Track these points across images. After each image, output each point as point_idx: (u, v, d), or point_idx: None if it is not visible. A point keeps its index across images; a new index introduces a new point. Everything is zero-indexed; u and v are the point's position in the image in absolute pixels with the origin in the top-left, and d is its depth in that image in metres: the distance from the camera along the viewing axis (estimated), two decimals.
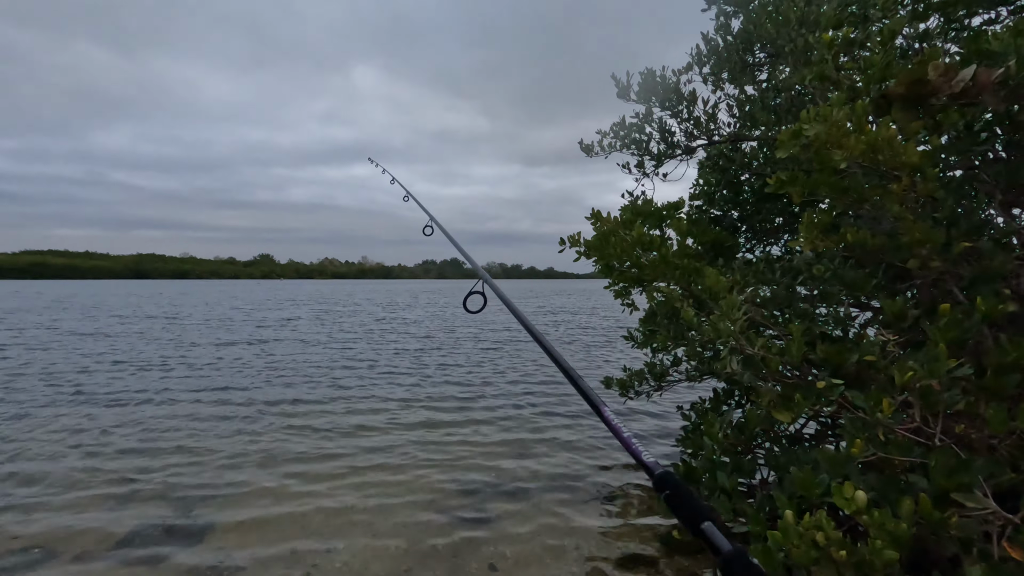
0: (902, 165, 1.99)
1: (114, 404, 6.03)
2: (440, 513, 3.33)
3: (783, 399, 1.87)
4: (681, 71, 3.46)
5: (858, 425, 1.52)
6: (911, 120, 2.20)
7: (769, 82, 3.86)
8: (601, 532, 3.11)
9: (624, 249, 2.89)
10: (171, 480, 3.80)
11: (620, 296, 4.08)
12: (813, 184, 2.24)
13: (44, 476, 3.86)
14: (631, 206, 4.07)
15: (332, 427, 5.14)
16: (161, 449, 4.47)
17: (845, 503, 1.31)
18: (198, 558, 2.81)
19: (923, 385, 1.46)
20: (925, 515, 1.32)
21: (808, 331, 2.49)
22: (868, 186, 2.18)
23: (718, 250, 3.75)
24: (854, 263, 2.62)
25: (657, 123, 3.59)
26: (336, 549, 2.90)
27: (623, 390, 4.15)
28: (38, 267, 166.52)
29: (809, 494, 1.52)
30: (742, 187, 4.14)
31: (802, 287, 2.90)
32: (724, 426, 2.31)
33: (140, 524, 3.16)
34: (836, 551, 1.27)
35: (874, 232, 2.32)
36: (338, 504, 3.44)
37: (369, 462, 4.20)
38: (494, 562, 2.81)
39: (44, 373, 7.79)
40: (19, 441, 4.65)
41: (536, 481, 3.84)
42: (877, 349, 1.92)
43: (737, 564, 0.68)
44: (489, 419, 5.46)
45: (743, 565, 0.68)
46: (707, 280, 2.22)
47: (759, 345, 2.04)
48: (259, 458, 4.27)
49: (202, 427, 5.12)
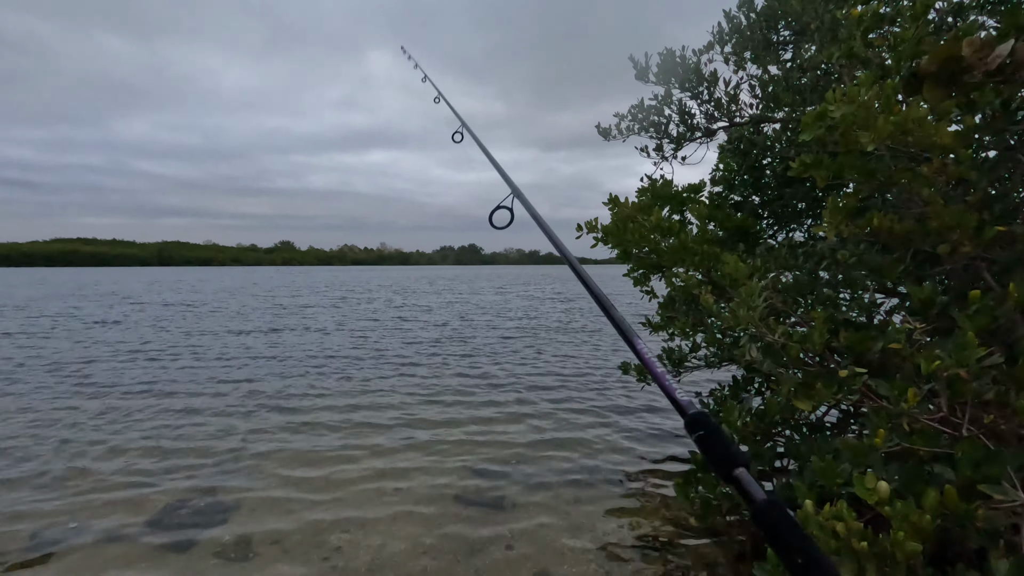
0: (933, 146, 1.91)
1: (138, 391, 6.20)
2: (459, 499, 3.37)
3: (804, 387, 1.83)
4: (702, 51, 3.37)
5: (881, 415, 1.49)
6: (943, 99, 2.12)
7: (794, 61, 3.74)
8: (618, 521, 3.12)
9: (642, 235, 2.85)
10: (196, 465, 3.91)
11: (639, 283, 4.03)
12: (839, 167, 2.17)
13: (71, 459, 4.00)
14: (650, 188, 4.00)
15: (352, 415, 5.22)
16: (186, 436, 4.59)
17: (867, 493, 1.29)
18: (222, 540, 2.89)
19: (951, 374, 1.41)
20: (951, 507, 1.29)
21: (831, 318, 2.44)
22: (896, 169, 2.10)
23: (741, 236, 3.68)
24: (880, 248, 2.55)
25: (676, 105, 3.51)
26: (357, 532, 2.96)
27: (640, 376, 4.14)
28: (68, 255, 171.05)
29: (830, 484, 1.50)
30: (764, 171, 4.04)
31: (825, 273, 2.84)
32: (743, 413, 2.29)
33: (166, 506, 3.25)
34: (857, 542, 1.25)
35: (902, 216, 2.25)
36: (359, 489, 3.50)
37: (389, 449, 4.26)
38: (512, 544, 2.84)
39: (81, 360, 8.04)
40: (48, 425, 4.82)
41: (556, 471, 3.85)
42: (903, 337, 1.87)
43: (772, 514, 0.63)
44: (511, 410, 5.48)
45: (778, 515, 0.63)
46: (727, 267, 2.18)
47: (780, 332, 2.00)
48: (281, 445, 4.36)
49: (225, 413, 5.25)
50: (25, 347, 9.09)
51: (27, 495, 3.38)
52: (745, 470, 0.68)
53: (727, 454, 0.71)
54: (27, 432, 4.57)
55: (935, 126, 1.89)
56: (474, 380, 6.72)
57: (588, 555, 2.75)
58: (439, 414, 5.19)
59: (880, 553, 1.27)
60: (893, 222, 2.18)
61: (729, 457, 0.70)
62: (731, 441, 0.76)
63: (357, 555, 2.74)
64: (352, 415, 5.13)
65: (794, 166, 2.25)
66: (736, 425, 2.20)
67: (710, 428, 0.76)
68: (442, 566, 2.67)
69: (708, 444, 0.75)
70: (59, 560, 2.69)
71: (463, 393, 6.02)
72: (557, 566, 2.66)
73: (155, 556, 2.74)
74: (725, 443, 0.73)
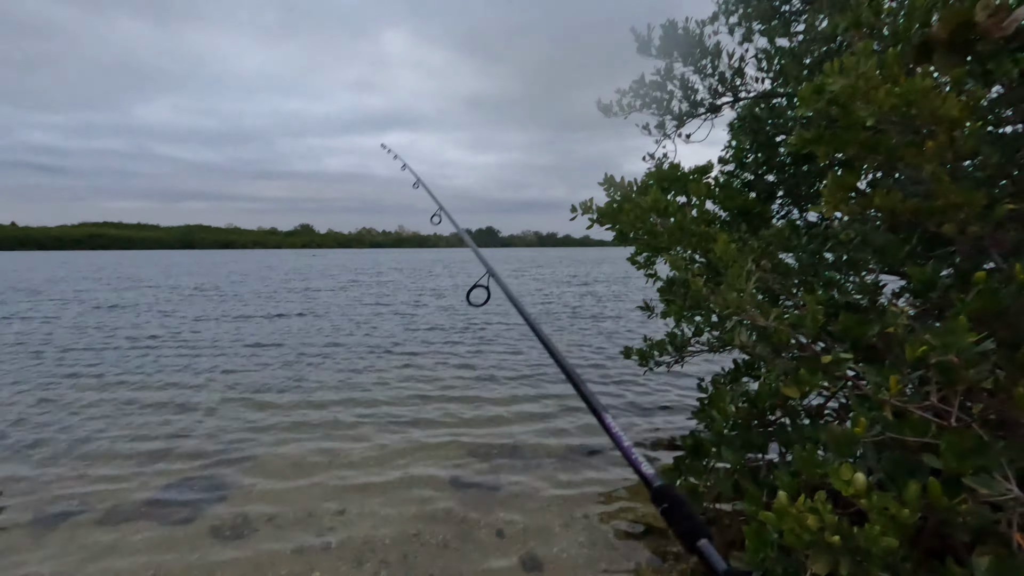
0: (939, 119, 1.80)
1: (142, 373, 6.32)
2: (453, 483, 3.37)
3: (793, 374, 1.76)
4: (706, 21, 3.22)
5: (864, 402, 1.42)
6: (955, 68, 1.99)
7: (806, 34, 3.57)
8: (610, 506, 3.09)
9: (638, 216, 2.76)
10: (197, 445, 3.97)
11: (642, 266, 3.94)
12: (839, 142, 2.06)
13: (75, 442, 4.10)
14: (656, 171, 3.89)
15: (352, 396, 5.26)
16: (188, 415, 4.67)
17: (843, 485, 1.23)
18: (220, 517, 2.93)
19: (941, 361, 1.33)
20: (934, 500, 1.22)
21: (831, 301, 2.34)
22: (901, 144, 1.99)
23: (745, 216, 3.56)
24: (887, 228, 2.43)
25: (679, 80, 3.38)
26: (350, 512, 2.98)
27: (643, 360, 4.07)
28: (96, 238, 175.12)
29: (810, 474, 1.44)
30: (778, 148, 3.90)
31: (830, 254, 2.73)
32: (736, 399, 2.22)
33: (166, 484, 3.32)
34: (830, 535, 1.19)
35: (907, 194, 2.13)
36: (353, 470, 3.52)
37: (387, 432, 4.28)
38: (502, 528, 2.83)
39: (101, 345, 8.24)
40: (59, 403, 4.95)
41: (550, 457, 3.83)
42: (901, 320, 1.78)
43: None
44: (506, 391, 5.47)
45: None
46: (717, 247, 2.10)
47: (773, 316, 1.93)
48: (280, 424, 4.41)
49: (227, 394, 5.33)
50: (27, 331, 9.35)
51: (29, 472, 3.47)
52: (708, 542, 0.72)
53: (691, 527, 0.76)
54: (30, 414, 4.70)
55: (941, 97, 1.77)
56: (475, 365, 6.72)
57: (578, 539, 2.73)
58: (438, 399, 5.19)
59: (855, 548, 1.21)
60: (897, 200, 2.07)
61: (693, 528, 0.75)
62: (694, 513, 0.79)
63: (350, 535, 2.76)
64: (351, 396, 5.17)
65: (791, 141, 2.14)
66: (726, 411, 2.14)
67: (674, 500, 0.80)
68: (432, 548, 2.67)
69: (672, 516, 0.79)
70: (61, 535, 2.76)
71: (463, 379, 6.02)
72: (546, 550, 2.65)
73: (155, 532, 2.79)
74: (689, 515, 0.78)
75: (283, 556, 2.59)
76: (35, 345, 7.69)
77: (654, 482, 0.85)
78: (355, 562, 2.55)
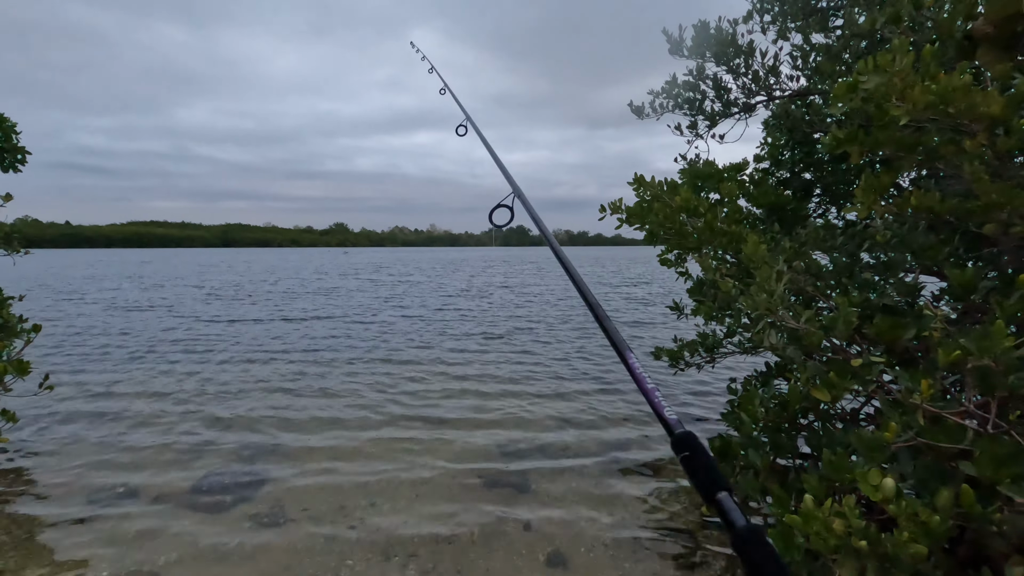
0: (979, 117, 1.74)
1: (189, 362, 6.58)
2: (482, 478, 3.42)
3: (824, 376, 1.74)
4: (739, 20, 3.18)
5: (895, 407, 1.39)
6: (1001, 63, 1.92)
7: (843, 30, 3.48)
8: (640, 507, 3.08)
9: (667, 216, 2.75)
10: (234, 439, 4.13)
11: (671, 265, 3.91)
12: (874, 142, 2.01)
13: (121, 434, 4.31)
14: (690, 168, 3.85)
15: (386, 392, 5.37)
16: (225, 412, 4.86)
17: (871, 490, 1.21)
18: (257, 507, 3.05)
19: (979, 366, 1.30)
20: (966, 507, 1.20)
21: (867, 303, 2.29)
22: (940, 142, 1.93)
23: (778, 214, 3.49)
24: (927, 228, 2.36)
25: (711, 80, 3.35)
26: (380, 506, 3.06)
27: (673, 361, 4.03)
28: (143, 237, 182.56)
29: (839, 479, 1.42)
30: (815, 146, 3.81)
31: (866, 255, 2.66)
32: (765, 401, 2.19)
33: (206, 474, 3.47)
34: (857, 540, 1.18)
35: (947, 194, 2.07)
36: (383, 465, 3.61)
37: (419, 427, 4.36)
38: (529, 525, 2.86)
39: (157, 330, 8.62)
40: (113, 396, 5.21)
41: (581, 455, 3.84)
42: (938, 323, 1.73)
43: (751, 542, 0.62)
44: (538, 392, 5.49)
45: (757, 544, 0.62)
46: (747, 248, 2.08)
47: (805, 318, 1.90)
48: (314, 420, 4.54)
49: (263, 391, 5.51)
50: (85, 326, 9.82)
51: (79, 462, 3.68)
52: (728, 494, 0.68)
53: (711, 477, 0.71)
54: (80, 408, 4.96)
55: (982, 95, 1.71)
56: (508, 365, 6.76)
57: (605, 539, 2.74)
58: (469, 396, 5.26)
59: (883, 554, 1.20)
60: (936, 200, 2.01)
61: (713, 480, 0.70)
62: (716, 465, 0.75)
63: (379, 528, 2.84)
64: (383, 393, 5.28)
65: (825, 141, 2.10)
66: (755, 413, 2.12)
67: (696, 450, 0.75)
68: (460, 542, 2.72)
69: (693, 465, 0.75)
70: (109, 521, 2.92)
71: (495, 377, 6.07)
72: (573, 549, 2.66)
73: (197, 518, 2.93)
74: (710, 466, 0.74)
75: (317, 545, 2.68)
76: (93, 336, 8.12)
77: (676, 428, 0.80)
78: (384, 555, 2.61)
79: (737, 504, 0.67)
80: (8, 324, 3.18)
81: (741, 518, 0.65)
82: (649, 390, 0.87)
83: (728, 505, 0.66)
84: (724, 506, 0.66)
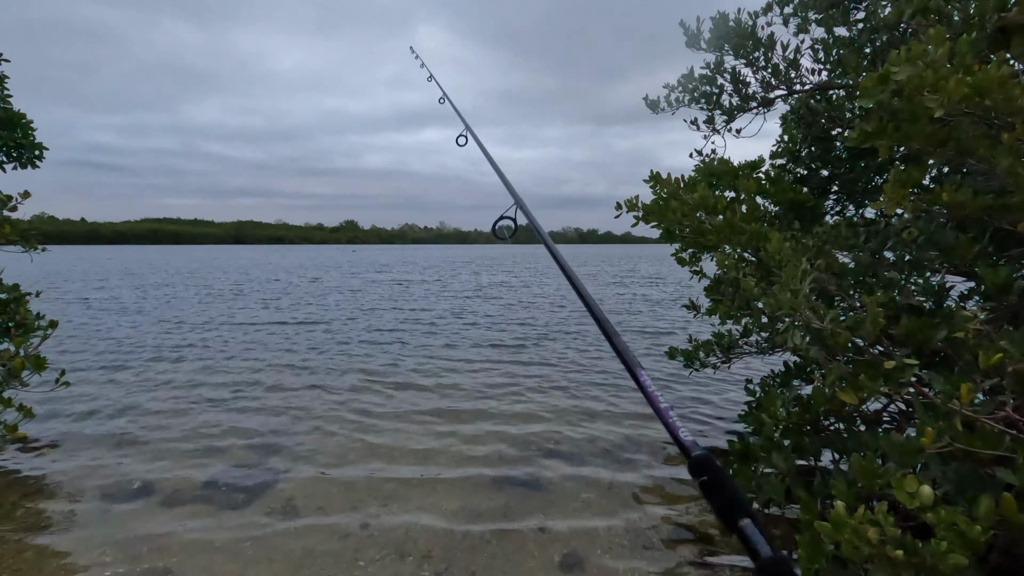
0: (1016, 110, 1.68)
1: (209, 365, 6.62)
2: (497, 478, 3.39)
3: (851, 378, 1.68)
4: (758, 13, 3.11)
5: (930, 411, 1.34)
6: None
7: (867, 22, 3.39)
8: (655, 508, 3.04)
9: (685, 213, 2.70)
10: (249, 436, 4.14)
11: (686, 263, 3.85)
12: (904, 136, 1.95)
13: (141, 431, 4.33)
14: (705, 166, 3.79)
15: (396, 393, 5.36)
16: (240, 409, 4.88)
17: (907, 498, 1.17)
18: (273, 503, 3.05)
19: (1018, 369, 1.25)
20: (1008, 516, 1.15)
21: (892, 303, 2.23)
22: (973, 136, 1.86)
23: (797, 212, 3.43)
24: (955, 226, 2.29)
25: (729, 73, 3.28)
26: (393, 505, 3.04)
27: (688, 361, 3.98)
28: (156, 233, 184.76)
29: (870, 485, 1.38)
30: (833, 142, 3.73)
31: (891, 253, 2.60)
32: (787, 403, 2.15)
33: (222, 470, 3.47)
34: (892, 550, 1.14)
35: (978, 190, 2.00)
36: (397, 464, 3.59)
37: (430, 426, 4.35)
38: (544, 527, 2.83)
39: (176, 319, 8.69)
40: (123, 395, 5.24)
41: (593, 454, 3.81)
42: (972, 325, 1.67)
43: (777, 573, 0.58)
44: (553, 392, 5.46)
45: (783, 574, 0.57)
46: (771, 246, 2.03)
47: (829, 318, 1.85)
48: (329, 418, 4.55)
49: (275, 390, 5.53)
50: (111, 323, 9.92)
51: (98, 457, 3.70)
52: (751, 522, 0.63)
53: (732, 503, 0.66)
54: (100, 406, 5.00)
55: (1021, 86, 1.65)
56: (522, 364, 6.73)
57: (620, 541, 2.70)
58: (484, 397, 5.24)
59: (920, 564, 1.15)
60: (967, 197, 1.95)
61: (735, 504, 0.65)
62: (737, 488, 0.69)
63: (393, 527, 2.82)
64: (397, 393, 5.27)
65: (852, 135, 2.04)
66: (777, 415, 2.07)
67: (714, 472, 0.70)
68: (473, 542, 2.70)
69: (711, 490, 0.70)
70: (128, 515, 2.93)
71: (511, 375, 6.05)
72: (589, 549, 2.63)
73: (214, 512, 2.93)
74: (731, 490, 0.68)
75: (331, 542, 2.67)
76: (114, 332, 8.21)
77: (693, 451, 0.74)
78: (398, 553, 2.60)
79: (761, 532, 0.62)
80: (25, 320, 3.21)
81: (767, 548, 0.60)
82: (663, 410, 0.82)
83: (752, 533, 0.62)
84: (747, 534, 0.62)
